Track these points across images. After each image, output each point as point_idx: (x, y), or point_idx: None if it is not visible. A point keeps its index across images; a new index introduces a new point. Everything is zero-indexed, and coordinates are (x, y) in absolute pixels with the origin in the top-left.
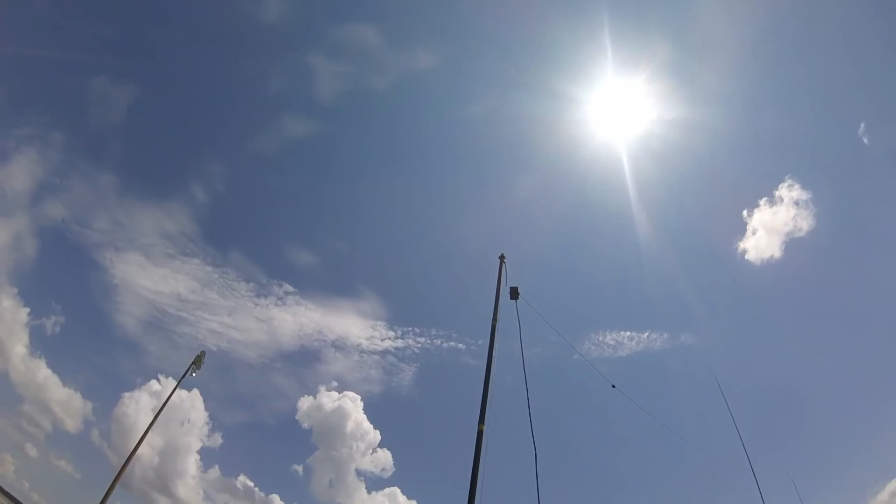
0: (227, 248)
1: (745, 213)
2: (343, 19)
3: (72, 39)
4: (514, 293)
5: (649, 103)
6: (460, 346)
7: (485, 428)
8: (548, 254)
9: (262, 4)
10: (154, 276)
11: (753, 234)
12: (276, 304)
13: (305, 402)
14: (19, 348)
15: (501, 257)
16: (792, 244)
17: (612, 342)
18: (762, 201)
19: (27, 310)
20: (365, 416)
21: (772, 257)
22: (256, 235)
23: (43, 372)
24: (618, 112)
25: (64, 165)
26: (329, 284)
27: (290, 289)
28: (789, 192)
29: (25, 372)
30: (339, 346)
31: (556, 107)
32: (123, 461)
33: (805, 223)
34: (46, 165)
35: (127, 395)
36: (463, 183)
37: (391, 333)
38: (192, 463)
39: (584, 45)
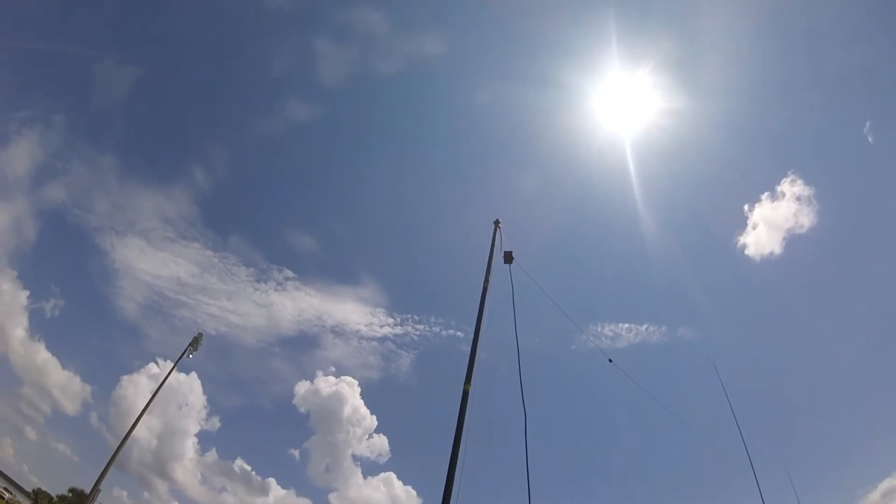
0: (227, 233)
1: (746, 207)
2: (350, 2)
3: (74, 23)
4: (508, 257)
5: (654, 95)
6: (459, 333)
7: (470, 389)
8: (549, 244)
9: None
10: (154, 260)
11: (754, 228)
12: (276, 290)
13: (303, 387)
14: (19, 331)
15: (496, 222)
16: (793, 240)
17: (610, 333)
18: (764, 196)
19: (27, 293)
20: (362, 402)
21: (772, 253)
22: (257, 220)
23: (42, 355)
24: (622, 104)
25: (65, 148)
26: (329, 270)
27: (291, 274)
28: (791, 187)
29: (25, 355)
30: (338, 331)
31: (560, 98)
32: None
33: (807, 219)
34: (47, 148)
35: (126, 378)
36: (466, 171)
37: (390, 320)
38: (189, 446)
39: (590, 37)
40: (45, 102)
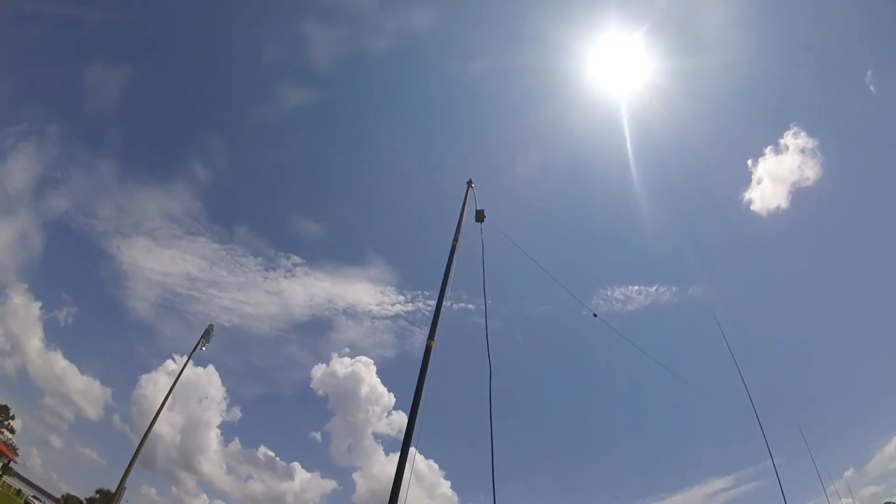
0: (232, 225)
1: (749, 162)
2: None
3: (61, 29)
4: (480, 216)
5: (650, 56)
6: (470, 306)
7: (433, 344)
8: (552, 210)
9: None
10: (162, 259)
11: (759, 183)
12: (286, 277)
13: (319, 370)
14: (35, 342)
15: (469, 182)
16: (798, 193)
17: (620, 297)
18: (767, 150)
19: (39, 304)
20: (379, 380)
21: (778, 207)
22: (261, 209)
23: (60, 363)
24: (619, 64)
25: (63, 157)
26: (337, 253)
27: (299, 260)
28: (795, 139)
29: (43, 365)
30: (351, 313)
31: (556, 59)
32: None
33: (811, 171)
34: (45, 159)
35: (144, 377)
36: (464, 141)
37: (401, 298)
38: (213, 438)
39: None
40: (38, 114)
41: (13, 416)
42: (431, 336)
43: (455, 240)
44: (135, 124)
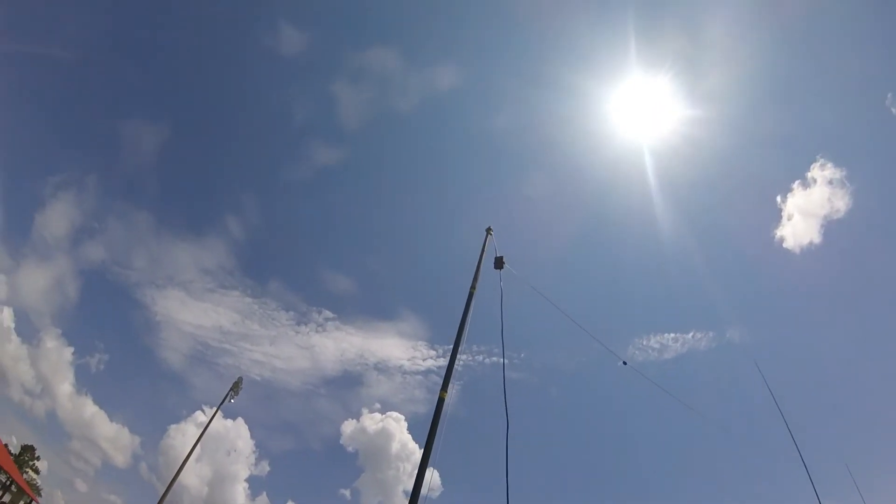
0: (265, 279)
1: (778, 199)
2: (362, 44)
3: (100, 86)
4: (499, 263)
5: (673, 99)
6: (503, 360)
7: (446, 396)
8: (581, 262)
9: (281, 37)
10: (195, 311)
11: (789, 219)
12: (317, 331)
13: (349, 426)
14: (65, 386)
15: (488, 230)
16: (831, 226)
17: (656, 345)
18: (795, 185)
19: (71, 349)
20: (410, 437)
21: (811, 242)
22: (293, 264)
23: (90, 408)
24: (641, 110)
25: (100, 208)
26: (368, 308)
27: (330, 315)
28: (822, 171)
29: (72, 409)
30: (382, 368)
31: (579, 106)
32: (171, 492)
33: (842, 202)
34: (83, 209)
35: (173, 427)
36: (491, 195)
37: (432, 353)
38: (240, 491)
39: (608, 43)
40: (78, 165)
41: (38, 456)
42: (444, 387)
43: (472, 287)
44: (171, 180)
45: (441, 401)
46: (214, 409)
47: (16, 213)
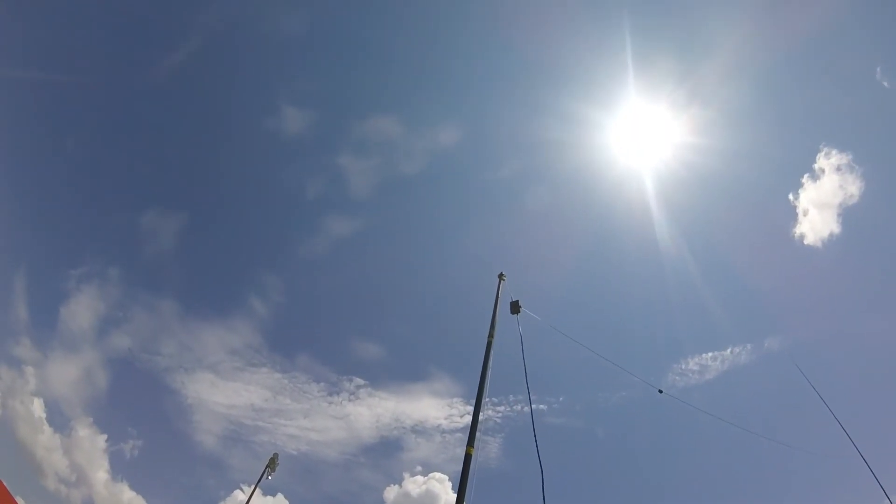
0: (293, 353)
1: (790, 196)
2: (364, 114)
3: (116, 178)
4: (515, 307)
5: (673, 117)
6: (542, 406)
7: (473, 451)
8: (603, 295)
9: (284, 119)
10: (226, 391)
11: (805, 215)
12: (350, 400)
13: (392, 492)
14: (101, 474)
15: (500, 275)
16: (848, 213)
17: (696, 367)
18: (804, 178)
19: (104, 436)
20: (455, 496)
21: (831, 234)
22: (319, 336)
23: (127, 494)
24: (643, 132)
25: (124, 298)
26: (398, 371)
27: (361, 382)
28: (828, 160)
29: (109, 497)
30: (419, 430)
31: (583, 136)
32: None
33: (854, 187)
34: (107, 300)
35: None
36: (503, 241)
37: (469, 408)
38: None
39: (606, 70)
40: (99, 258)
41: None
42: (470, 443)
43: (490, 336)
44: (192, 266)
45: (468, 457)
46: (252, 487)
47: (41, 306)
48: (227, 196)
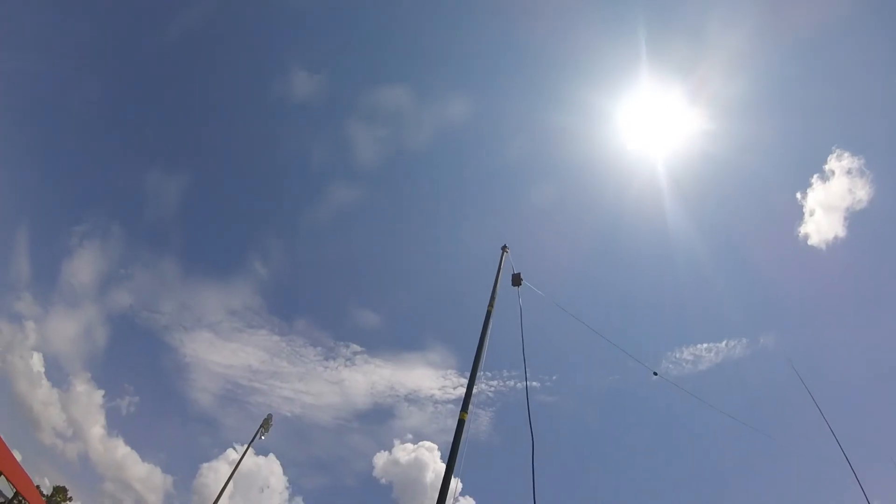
0: (291, 317)
1: (798, 195)
2: (374, 84)
3: (122, 138)
4: (517, 280)
5: (684, 109)
6: (534, 383)
7: (467, 416)
8: (603, 278)
9: (293, 84)
10: (224, 351)
11: (811, 215)
12: (346, 366)
13: (381, 458)
14: (97, 429)
15: (504, 248)
16: (854, 217)
17: (689, 357)
18: (813, 179)
19: (102, 392)
20: (444, 466)
21: (836, 237)
22: (319, 301)
23: (121, 450)
24: (654, 120)
25: (126, 256)
26: (395, 340)
27: (358, 349)
28: (839, 162)
29: (104, 452)
30: (412, 399)
31: (590, 120)
32: None
33: (863, 192)
34: (110, 257)
35: (205, 465)
36: (507, 216)
37: (462, 380)
38: None
39: (619, 59)
40: (102, 214)
41: (70, 497)
42: (464, 408)
43: (490, 306)
44: (195, 226)
45: (461, 422)
46: (245, 446)
47: (43, 262)
48: (233, 158)
